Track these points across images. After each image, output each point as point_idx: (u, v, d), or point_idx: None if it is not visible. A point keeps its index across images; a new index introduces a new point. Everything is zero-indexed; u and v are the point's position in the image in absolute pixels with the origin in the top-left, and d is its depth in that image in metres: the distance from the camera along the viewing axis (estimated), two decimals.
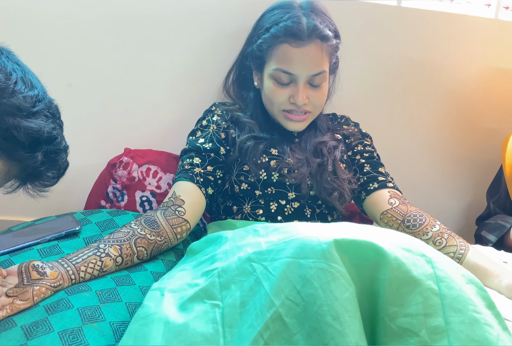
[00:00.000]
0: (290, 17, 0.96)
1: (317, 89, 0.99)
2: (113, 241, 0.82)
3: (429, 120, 1.36)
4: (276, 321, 0.55)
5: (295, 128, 1.03)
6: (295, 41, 0.95)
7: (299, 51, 0.95)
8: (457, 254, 0.87)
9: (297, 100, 0.97)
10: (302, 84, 0.97)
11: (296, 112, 1.01)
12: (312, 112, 1.02)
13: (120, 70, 1.18)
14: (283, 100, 0.99)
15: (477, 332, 0.55)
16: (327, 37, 0.96)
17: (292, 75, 0.97)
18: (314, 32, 0.95)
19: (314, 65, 0.96)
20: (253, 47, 1.03)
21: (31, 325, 0.65)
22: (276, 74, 0.98)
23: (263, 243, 0.65)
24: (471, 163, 1.40)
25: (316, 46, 0.95)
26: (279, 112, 1.02)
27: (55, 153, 0.70)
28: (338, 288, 0.55)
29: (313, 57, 0.96)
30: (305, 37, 0.94)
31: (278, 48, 0.97)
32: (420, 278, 0.57)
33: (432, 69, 1.31)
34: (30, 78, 0.68)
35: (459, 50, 1.30)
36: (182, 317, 0.62)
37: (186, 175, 0.98)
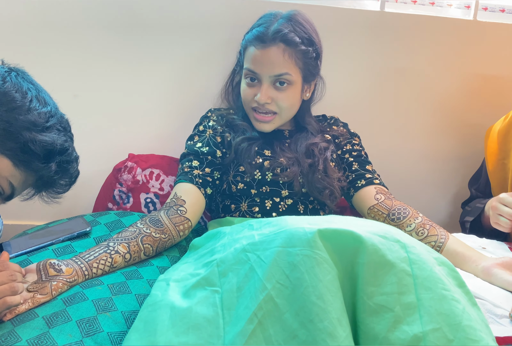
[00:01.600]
0: (261, 24, 1.05)
1: (282, 92, 1.05)
2: (121, 239, 0.88)
3: (415, 120, 1.41)
4: (268, 302, 0.62)
5: (262, 128, 1.09)
6: (259, 44, 1.03)
7: (261, 52, 1.03)
8: (437, 242, 0.94)
9: (259, 99, 1.04)
10: (265, 84, 1.04)
11: (262, 111, 1.07)
12: (278, 114, 1.08)
13: (122, 81, 1.25)
14: (250, 98, 1.07)
15: (444, 306, 0.62)
16: (291, 41, 1.02)
17: (256, 74, 1.05)
18: (277, 36, 1.01)
19: (275, 67, 1.03)
20: (238, 53, 1.13)
21: (51, 316, 0.72)
22: (246, 73, 1.07)
23: (256, 235, 0.72)
24: (457, 156, 1.45)
25: (278, 49, 1.02)
26: (250, 111, 1.09)
27: (67, 163, 0.77)
28: (321, 271, 0.62)
29: (274, 58, 1.02)
30: (268, 40, 1.02)
31: (247, 51, 1.06)
32: (394, 261, 0.64)
33: (415, 70, 1.36)
34: (43, 96, 0.75)
35: (440, 51, 1.35)
36: (186, 303, 0.69)
37: (186, 177, 1.05)
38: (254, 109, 1.07)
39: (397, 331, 0.60)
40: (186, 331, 0.64)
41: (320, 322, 0.58)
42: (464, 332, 0.60)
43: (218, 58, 1.27)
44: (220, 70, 1.26)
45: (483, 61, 1.38)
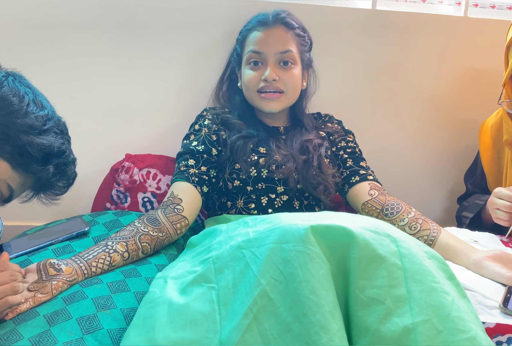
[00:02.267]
0: (260, 14, 1.14)
1: (287, 70, 1.10)
2: (119, 238, 0.90)
3: (408, 116, 1.43)
4: (263, 297, 0.63)
5: (270, 108, 1.11)
6: (262, 26, 1.10)
7: (265, 33, 1.09)
8: (430, 236, 0.96)
9: (267, 76, 1.07)
10: (271, 62, 1.09)
11: (269, 89, 1.09)
12: (285, 93, 1.10)
13: (118, 82, 1.26)
14: (256, 80, 1.10)
15: (434, 299, 0.63)
16: (291, 24, 1.11)
17: (261, 54, 1.08)
18: (277, 18, 1.10)
19: (280, 44, 1.09)
20: (234, 52, 1.16)
21: (52, 314, 0.73)
22: (249, 56, 1.10)
23: (251, 232, 0.74)
24: (451, 151, 1.46)
25: (280, 29, 1.10)
26: (255, 94, 1.11)
27: (64, 165, 0.78)
28: (314, 266, 0.63)
29: (278, 37, 1.09)
30: (270, 22, 1.10)
31: (249, 36, 1.11)
32: (385, 255, 0.66)
33: (408, 67, 1.38)
34: (40, 100, 0.76)
35: (431, 48, 1.36)
36: (183, 299, 0.70)
37: (182, 176, 1.06)
38: (261, 91, 1.10)
39: (388, 323, 0.62)
40: (183, 327, 0.66)
41: (313, 315, 0.60)
42: (453, 323, 0.61)
43: (213, 57, 1.28)
44: (216, 69, 1.27)
45: (474, 56, 1.39)
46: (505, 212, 0.97)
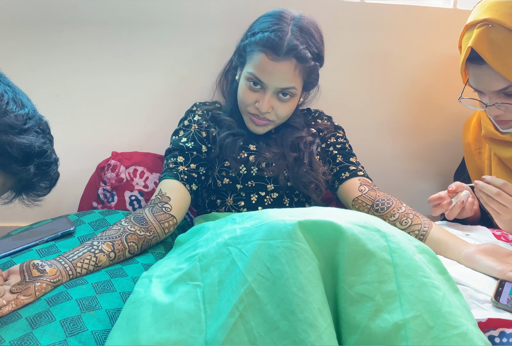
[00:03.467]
0: (276, 30, 0.98)
1: (284, 103, 1.04)
2: (105, 238, 0.88)
3: (398, 110, 1.41)
4: (250, 294, 0.62)
5: (255, 131, 1.08)
6: (272, 55, 0.98)
7: (273, 65, 0.99)
8: (421, 231, 0.94)
9: (261, 108, 1.02)
10: (269, 94, 1.02)
11: (258, 117, 1.05)
12: (274, 122, 1.07)
13: (103, 79, 1.24)
14: (250, 103, 1.04)
15: (425, 294, 0.62)
16: (304, 58, 0.99)
17: (262, 83, 1.02)
18: (292, 51, 0.97)
19: (284, 80, 1.00)
20: (240, 44, 1.07)
21: (34, 316, 0.71)
22: (250, 77, 1.02)
23: (238, 229, 0.72)
24: (442, 144, 1.45)
25: (290, 64, 0.99)
26: (246, 113, 1.08)
27: (46, 165, 0.75)
28: (302, 263, 0.62)
29: (284, 73, 0.99)
30: (282, 53, 0.97)
31: (257, 56, 1.01)
32: (374, 250, 0.64)
33: (398, 60, 1.36)
34: (20, 98, 0.73)
35: (421, 40, 1.35)
36: (168, 298, 0.69)
37: (171, 173, 1.04)
38: (251, 114, 1.06)
39: (378, 320, 0.60)
40: (168, 327, 0.64)
41: (301, 313, 0.58)
42: (444, 318, 0.60)
43: (203, 55, 1.26)
44: (205, 67, 1.25)
45: None
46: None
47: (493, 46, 0.90)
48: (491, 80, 0.95)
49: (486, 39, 0.91)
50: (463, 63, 1.00)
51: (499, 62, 0.90)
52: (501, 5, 0.90)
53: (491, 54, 0.91)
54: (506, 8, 0.90)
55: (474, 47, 0.93)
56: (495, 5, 0.91)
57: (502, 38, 0.90)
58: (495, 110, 0.98)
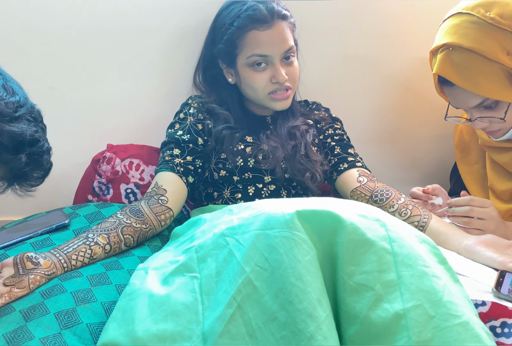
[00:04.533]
0: (249, 7, 1.02)
1: (291, 65, 1.06)
2: (101, 230, 0.87)
3: (389, 108, 1.39)
4: (247, 285, 0.61)
5: (282, 107, 1.08)
6: (262, 25, 1.01)
7: (268, 34, 1.01)
8: (420, 222, 0.93)
9: (279, 79, 1.02)
10: (278, 63, 1.03)
11: (280, 91, 1.05)
12: (292, 88, 1.07)
13: (96, 72, 1.21)
14: (265, 83, 1.04)
15: (425, 283, 0.61)
16: (286, 15, 1.04)
17: (267, 57, 1.02)
18: (275, 14, 1.02)
19: (284, 43, 1.03)
20: (220, 46, 1.06)
21: (28, 309, 0.70)
22: (252, 60, 1.03)
23: (235, 220, 0.71)
24: (433, 141, 1.43)
25: (280, 26, 1.03)
26: (265, 97, 1.06)
27: (38, 155, 0.73)
28: (300, 252, 0.61)
29: (281, 35, 1.02)
30: (269, 19, 1.01)
31: (248, 37, 1.02)
32: (374, 240, 0.63)
33: (382, 61, 1.35)
34: (11, 86, 0.72)
35: (398, 43, 1.33)
36: (165, 290, 0.68)
37: (167, 166, 1.03)
38: (271, 93, 1.05)
39: (378, 310, 0.59)
40: (164, 318, 0.63)
41: (300, 303, 0.57)
42: (445, 308, 0.59)
43: (196, 45, 1.24)
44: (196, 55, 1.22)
45: None
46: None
47: (457, 67, 0.94)
48: (466, 98, 0.97)
49: (449, 62, 0.94)
50: (436, 87, 1.04)
51: (467, 81, 0.93)
52: (457, 28, 0.94)
53: (457, 76, 0.94)
54: (461, 29, 0.93)
55: (439, 73, 0.97)
56: (451, 28, 0.95)
57: (463, 58, 0.93)
58: (480, 124, 1.00)
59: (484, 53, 0.90)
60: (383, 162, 1.42)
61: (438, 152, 1.45)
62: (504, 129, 1.00)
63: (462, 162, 1.23)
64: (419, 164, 1.48)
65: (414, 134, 1.44)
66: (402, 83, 1.38)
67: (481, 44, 0.90)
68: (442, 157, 1.43)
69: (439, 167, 1.45)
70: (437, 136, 1.43)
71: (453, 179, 1.30)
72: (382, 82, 1.36)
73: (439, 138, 1.43)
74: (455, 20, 0.95)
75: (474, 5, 0.92)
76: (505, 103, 0.95)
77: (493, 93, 0.93)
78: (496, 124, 0.98)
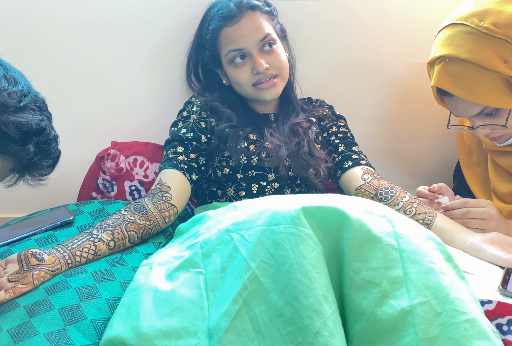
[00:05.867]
0: (220, 7, 1.06)
1: (272, 53, 1.06)
2: (105, 227, 0.87)
3: (392, 108, 1.39)
4: (253, 281, 0.61)
5: (271, 95, 1.08)
6: (230, 20, 1.03)
7: (237, 27, 1.03)
8: (426, 220, 0.93)
9: (259, 69, 1.03)
10: (256, 53, 1.04)
11: (264, 80, 1.05)
12: (279, 75, 1.07)
13: (101, 69, 1.22)
14: (248, 75, 1.05)
15: (432, 280, 0.60)
16: (256, 5, 1.05)
17: (243, 50, 1.03)
18: (242, 6, 1.03)
19: (256, 32, 1.03)
20: (206, 52, 1.10)
21: (33, 305, 0.70)
22: (230, 56, 1.04)
23: (240, 216, 0.70)
24: (434, 140, 1.43)
25: (249, 16, 1.04)
26: (251, 89, 1.07)
27: (45, 143, 0.73)
28: (306, 248, 0.61)
29: (251, 25, 1.03)
30: (236, 13, 1.03)
31: (221, 35, 1.05)
32: (380, 236, 0.63)
33: (383, 65, 1.34)
34: (12, 75, 0.70)
35: (400, 47, 1.33)
36: (170, 285, 0.67)
37: (170, 163, 1.03)
38: (256, 84, 1.06)
39: (385, 306, 0.59)
40: (170, 314, 0.63)
41: (305, 299, 0.57)
42: (452, 304, 0.59)
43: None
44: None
45: None
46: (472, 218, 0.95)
47: (455, 78, 0.94)
48: (466, 108, 0.98)
49: (447, 74, 0.95)
50: (436, 98, 1.04)
51: (465, 91, 0.94)
52: (452, 39, 0.94)
53: (455, 86, 0.95)
54: (457, 40, 0.93)
55: (438, 85, 0.98)
56: (447, 40, 0.95)
57: (460, 69, 0.93)
58: (482, 131, 1.00)
59: (480, 63, 0.90)
60: (386, 164, 1.41)
61: (441, 152, 1.44)
62: (506, 135, 1.01)
63: (465, 165, 1.23)
64: (422, 164, 1.47)
65: (416, 134, 1.43)
66: (403, 87, 1.38)
67: (477, 54, 0.90)
68: (445, 157, 1.43)
69: (442, 167, 1.45)
70: (439, 135, 1.42)
71: (456, 178, 1.30)
72: (383, 86, 1.37)
73: (441, 138, 1.42)
74: (450, 31, 0.95)
75: (468, 15, 0.93)
76: (505, 110, 0.95)
77: (493, 101, 0.93)
78: (499, 131, 0.99)
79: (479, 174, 1.19)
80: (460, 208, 0.96)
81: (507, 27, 0.90)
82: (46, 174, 0.76)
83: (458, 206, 0.96)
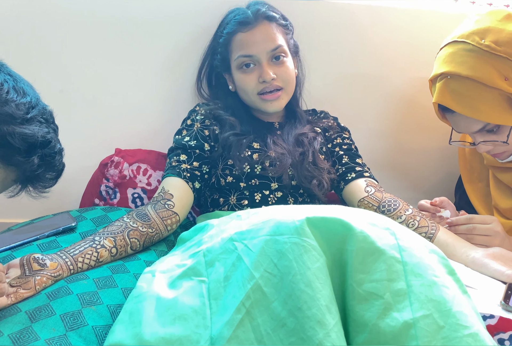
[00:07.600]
0: (237, 14, 1.09)
1: (281, 65, 1.07)
2: (107, 234, 0.87)
3: (394, 124, 1.40)
4: (256, 291, 0.61)
5: (274, 108, 1.09)
6: (245, 27, 1.06)
7: (251, 34, 1.05)
8: (428, 233, 0.93)
9: (265, 77, 1.04)
10: (265, 62, 1.05)
11: (269, 89, 1.06)
12: (284, 89, 1.08)
13: (108, 76, 1.23)
14: (254, 83, 1.06)
15: (435, 293, 0.61)
16: (273, 16, 1.08)
17: (253, 57, 1.05)
18: (259, 15, 1.06)
19: (269, 41, 1.05)
20: (217, 56, 1.12)
21: (34, 310, 0.70)
22: (240, 61, 1.06)
23: (244, 225, 0.71)
24: (438, 153, 1.44)
25: (265, 26, 1.07)
26: (256, 98, 1.08)
27: (50, 156, 0.73)
28: (310, 259, 0.61)
29: (265, 34, 1.06)
30: (252, 20, 1.06)
31: (234, 40, 1.07)
32: (384, 248, 0.63)
33: (385, 79, 1.36)
34: (22, 86, 0.71)
35: (402, 61, 1.35)
36: (172, 293, 0.67)
37: (173, 171, 1.03)
38: (261, 93, 1.07)
39: (387, 318, 0.59)
40: (172, 322, 0.63)
41: (309, 309, 0.57)
42: (455, 318, 0.59)
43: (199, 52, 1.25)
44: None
45: None
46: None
47: (456, 95, 0.96)
48: (468, 124, 0.99)
49: (448, 91, 0.96)
50: (438, 115, 1.06)
51: (466, 108, 0.95)
52: (453, 56, 0.96)
53: (457, 103, 0.96)
54: (458, 57, 0.95)
55: (439, 102, 0.99)
56: (448, 57, 0.97)
57: (462, 86, 0.95)
58: (484, 147, 1.02)
59: (482, 80, 0.91)
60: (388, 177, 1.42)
61: (442, 166, 1.45)
62: (508, 152, 1.02)
63: (467, 180, 1.24)
64: (423, 178, 1.47)
65: (418, 148, 1.44)
66: (407, 101, 1.39)
67: (478, 71, 0.92)
68: (447, 171, 1.44)
69: (443, 181, 1.45)
70: (440, 149, 1.43)
71: (458, 193, 1.30)
72: (386, 99, 1.38)
73: (443, 152, 1.43)
74: (451, 49, 0.97)
75: (469, 33, 0.94)
76: (507, 127, 0.96)
77: (494, 118, 0.94)
78: (500, 147, 1.00)
79: (480, 189, 1.20)
80: (465, 224, 0.95)
81: (507, 45, 0.91)
82: (49, 186, 0.76)
83: (463, 222, 0.95)
